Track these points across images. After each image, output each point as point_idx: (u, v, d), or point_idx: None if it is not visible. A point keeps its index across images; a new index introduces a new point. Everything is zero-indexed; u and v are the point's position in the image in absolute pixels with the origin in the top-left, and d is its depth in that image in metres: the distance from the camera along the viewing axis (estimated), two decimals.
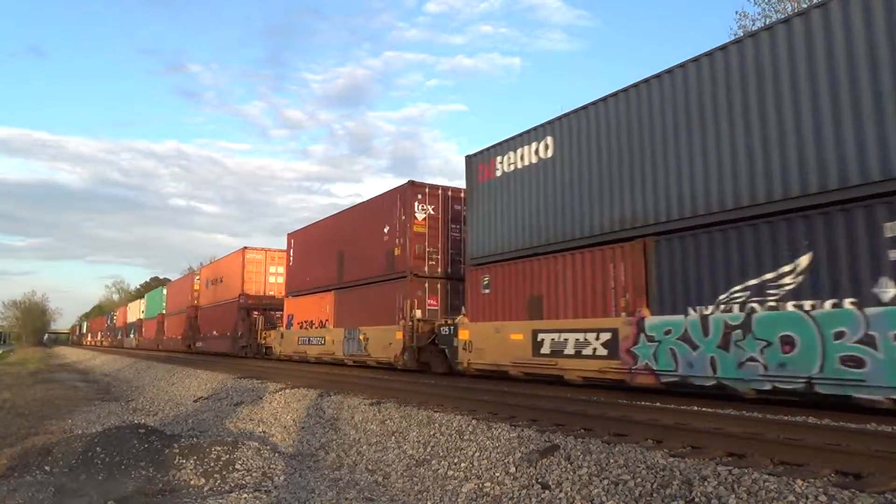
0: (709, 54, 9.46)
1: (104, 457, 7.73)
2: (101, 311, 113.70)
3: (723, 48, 9.30)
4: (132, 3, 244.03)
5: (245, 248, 29.74)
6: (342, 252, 20.22)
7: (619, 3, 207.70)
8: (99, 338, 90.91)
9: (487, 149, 14.11)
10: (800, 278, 8.05)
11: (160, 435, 8.68)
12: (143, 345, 53.05)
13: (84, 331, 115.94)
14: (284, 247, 26.02)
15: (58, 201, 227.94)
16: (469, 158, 14.68)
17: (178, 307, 41.36)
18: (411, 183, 17.20)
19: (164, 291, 48.33)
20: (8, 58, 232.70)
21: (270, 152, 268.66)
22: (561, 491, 5.64)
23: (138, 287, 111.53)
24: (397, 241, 17.32)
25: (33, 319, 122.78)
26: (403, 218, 17.12)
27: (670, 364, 9.32)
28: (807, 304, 7.91)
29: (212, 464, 7.65)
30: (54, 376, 27.77)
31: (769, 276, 8.37)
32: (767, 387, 8.13)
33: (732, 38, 10.32)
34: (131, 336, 60.29)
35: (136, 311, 60.81)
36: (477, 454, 7.00)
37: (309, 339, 21.97)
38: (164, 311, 46.13)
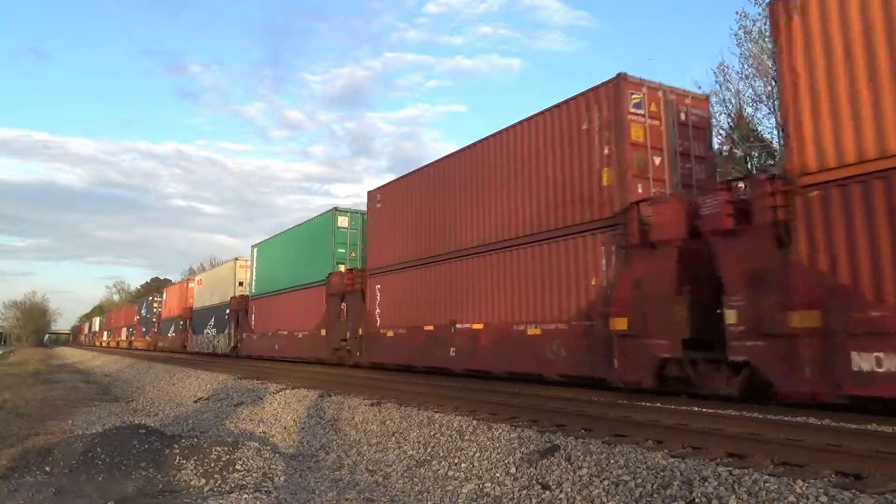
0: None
1: (104, 457, 7.73)
2: (101, 312, 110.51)
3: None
4: (132, 3, 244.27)
5: None
6: None
7: (618, 4, 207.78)
8: (124, 337, 64.93)
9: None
10: None
11: (160, 435, 8.67)
12: (260, 347, 26.53)
13: (96, 328, 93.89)
14: None
15: (58, 202, 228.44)
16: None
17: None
18: None
19: (341, 217, 21.31)
20: (9, 59, 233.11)
21: (270, 153, 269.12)
22: (561, 491, 5.64)
23: (138, 287, 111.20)
24: None
25: (34, 320, 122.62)
26: None
27: None
28: None
29: (212, 464, 7.65)
30: (55, 377, 27.75)
31: None
32: None
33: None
34: (209, 332, 34.32)
35: (218, 285, 34.14)
36: (477, 454, 6.99)
37: None
38: (354, 267, 19.93)
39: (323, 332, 20.44)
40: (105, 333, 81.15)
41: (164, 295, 49.00)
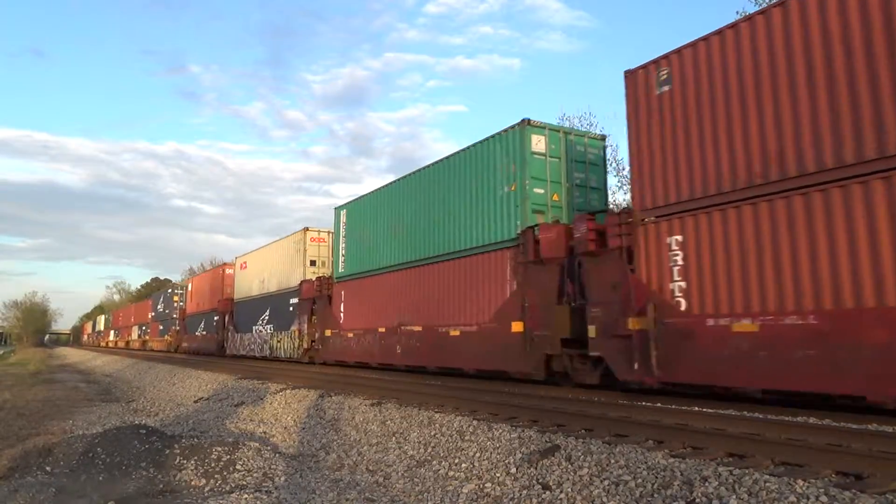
0: None
1: (105, 457, 7.73)
2: (101, 312, 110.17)
3: None
4: (132, 4, 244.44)
5: None
6: None
7: (618, 4, 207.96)
8: (136, 336, 56.15)
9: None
10: None
11: (161, 435, 8.68)
12: (360, 349, 18.60)
13: (101, 328, 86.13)
14: None
15: (58, 202, 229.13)
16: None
17: None
18: None
19: (535, 137, 13.10)
20: (9, 59, 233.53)
21: (271, 153, 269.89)
22: (562, 491, 5.63)
23: (139, 287, 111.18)
24: None
25: (34, 320, 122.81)
26: None
27: None
28: None
29: (213, 464, 7.65)
30: (55, 377, 27.76)
31: None
32: None
33: None
34: (262, 330, 26.45)
35: (276, 267, 25.92)
36: (478, 455, 6.99)
37: None
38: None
39: (515, 328, 12.39)
40: (111, 333, 73.70)
41: (190, 285, 39.42)
